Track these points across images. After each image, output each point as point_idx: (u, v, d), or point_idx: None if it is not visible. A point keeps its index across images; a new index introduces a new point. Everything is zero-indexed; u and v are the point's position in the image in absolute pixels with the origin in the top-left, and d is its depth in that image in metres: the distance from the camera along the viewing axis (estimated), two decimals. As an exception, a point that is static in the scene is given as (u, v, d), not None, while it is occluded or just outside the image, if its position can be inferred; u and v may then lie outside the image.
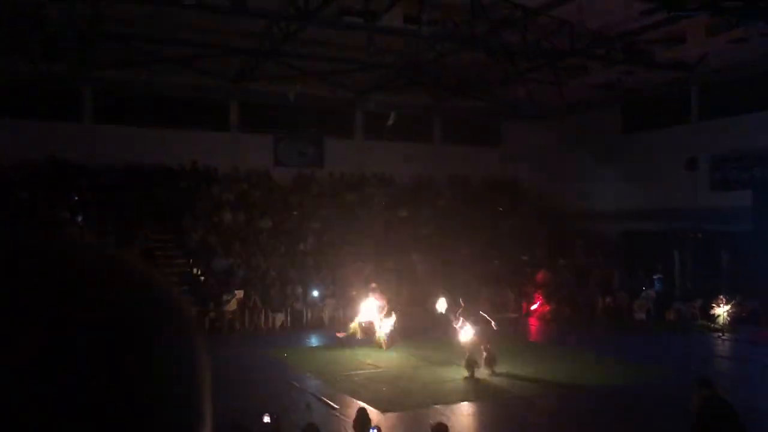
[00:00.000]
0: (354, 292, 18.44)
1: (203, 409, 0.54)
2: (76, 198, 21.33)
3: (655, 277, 21.94)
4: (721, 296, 18.62)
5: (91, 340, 0.48)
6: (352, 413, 7.24)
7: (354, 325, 15.91)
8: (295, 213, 23.92)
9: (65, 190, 21.39)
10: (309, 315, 19.54)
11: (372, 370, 13.47)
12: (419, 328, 16.48)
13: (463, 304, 13.89)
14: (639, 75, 22.84)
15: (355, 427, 6.86)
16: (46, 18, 17.88)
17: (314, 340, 17.64)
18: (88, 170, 22.61)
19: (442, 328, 15.12)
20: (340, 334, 16.08)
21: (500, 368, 13.01)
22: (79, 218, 20.21)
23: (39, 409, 0.45)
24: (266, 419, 7.10)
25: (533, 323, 21.04)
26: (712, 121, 22.70)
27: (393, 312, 15.98)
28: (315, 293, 19.82)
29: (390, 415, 10.29)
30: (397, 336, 15.87)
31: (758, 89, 20.95)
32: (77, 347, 0.47)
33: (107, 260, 0.54)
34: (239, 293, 18.83)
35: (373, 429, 6.91)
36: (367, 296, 16.28)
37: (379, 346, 15.44)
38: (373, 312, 15.89)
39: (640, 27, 19.02)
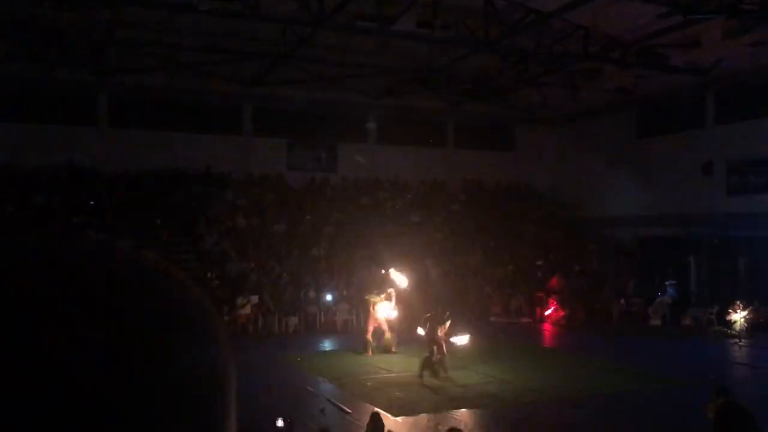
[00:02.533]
0: (367, 297, 18.36)
1: (230, 417, 0.53)
2: (92, 203, 21.50)
3: (667, 282, 21.73)
4: (738, 302, 18.42)
5: (123, 349, 0.47)
6: (366, 418, 7.22)
7: (368, 338, 15.66)
8: (308, 217, 23.96)
9: (81, 194, 21.57)
10: (322, 319, 19.55)
11: (385, 375, 13.44)
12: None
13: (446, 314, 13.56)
14: (654, 79, 22.70)
15: (368, 431, 6.83)
16: (63, 25, 18.07)
17: (327, 344, 17.64)
18: (104, 174, 22.79)
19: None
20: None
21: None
22: (95, 222, 20.36)
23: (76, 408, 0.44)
24: (280, 423, 7.08)
25: (547, 329, 20.93)
26: (728, 125, 22.50)
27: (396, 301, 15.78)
28: (328, 297, 19.83)
29: (403, 419, 10.26)
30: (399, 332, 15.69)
31: (775, 93, 20.76)
32: (106, 359, 0.46)
33: (136, 263, 0.53)
34: (253, 298, 18.87)
35: (386, 434, 6.88)
36: (380, 300, 15.98)
37: (388, 348, 15.40)
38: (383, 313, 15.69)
39: (655, 31, 18.91)
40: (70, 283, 0.48)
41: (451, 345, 13.36)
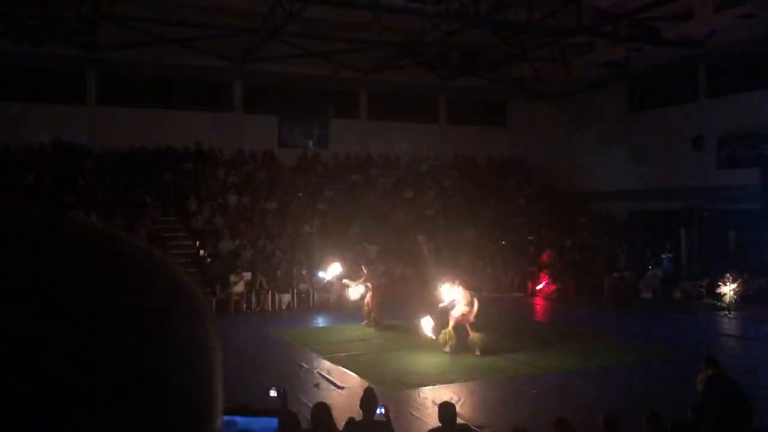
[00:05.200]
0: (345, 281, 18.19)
1: (215, 399, 0.53)
2: (82, 182, 21.37)
3: (664, 256, 21.85)
4: (728, 275, 18.58)
5: (102, 330, 0.47)
6: (360, 392, 7.27)
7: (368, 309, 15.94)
8: (300, 194, 23.92)
9: (71, 173, 21.42)
10: (315, 296, 19.62)
11: (378, 350, 13.53)
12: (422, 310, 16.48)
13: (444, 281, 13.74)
14: (646, 53, 22.63)
15: (362, 406, 6.88)
16: (50, 0, 17.81)
17: (321, 321, 17.72)
18: (93, 153, 22.63)
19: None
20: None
21: (501, 348, 13.13)
22: (86, 201, 20.26)
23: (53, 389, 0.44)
24: (273, 393, 7.15)
25: (539, 303, 21.07)
26: (720, 99, 22.52)
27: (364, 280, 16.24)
28: (321, 274, 19.85)
29: (397, 394, 10.35)
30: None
31: (766, 66, 20.73)
32: (87, 336, 0.46)
33: (115, 242, 0.52)
34: (246, 275, 18.90)
35: (380, 408, 6.93)
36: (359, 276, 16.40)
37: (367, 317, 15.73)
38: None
39: (647, 4, 18.82)
40: (54, 264, 0.48)
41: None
